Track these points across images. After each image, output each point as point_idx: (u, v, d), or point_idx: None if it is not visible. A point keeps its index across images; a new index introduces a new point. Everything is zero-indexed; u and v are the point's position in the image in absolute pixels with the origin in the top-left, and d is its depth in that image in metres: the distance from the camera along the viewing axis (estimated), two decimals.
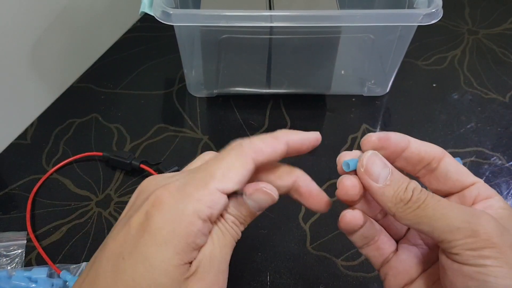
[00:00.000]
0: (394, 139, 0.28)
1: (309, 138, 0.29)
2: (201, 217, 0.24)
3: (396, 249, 0.29)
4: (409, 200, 0.25)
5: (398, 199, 0.25)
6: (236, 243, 0.27)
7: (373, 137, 0.28)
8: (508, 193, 0.51)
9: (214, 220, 0.25)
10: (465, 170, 0.28)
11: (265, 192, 0.26)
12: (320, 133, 0.30)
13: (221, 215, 0.26)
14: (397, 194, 0.25)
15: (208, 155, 0.29)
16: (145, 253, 0.23)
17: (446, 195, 0.28)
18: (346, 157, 0.28)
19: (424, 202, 0.25)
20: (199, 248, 0.24)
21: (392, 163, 0.27)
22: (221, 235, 0.25)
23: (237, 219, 0.26)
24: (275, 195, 0.27)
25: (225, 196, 0.25)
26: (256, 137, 0.27)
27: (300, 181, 0.29)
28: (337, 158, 0.29)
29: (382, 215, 0.30)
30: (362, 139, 0.28)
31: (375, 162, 0.27)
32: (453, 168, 0.27)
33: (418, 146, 0.28)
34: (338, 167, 0.28)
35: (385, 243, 0.29)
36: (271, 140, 0.27)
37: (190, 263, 0.24)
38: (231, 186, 0.25)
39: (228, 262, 0.26)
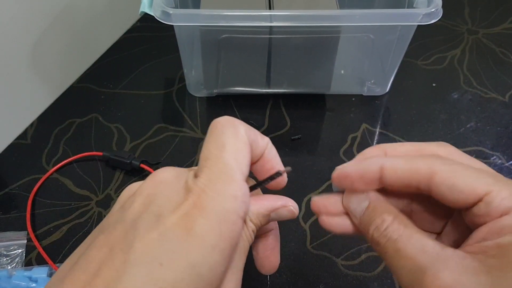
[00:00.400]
0: (356, 174, 0.25)
1: (278, 165, 0.27)
2: (240, 215, 0.22)
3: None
4: (372, 241, 0.24)
5: (367, 238, 0.24)
6: None
7: (333, 175, 0.26)
8: None
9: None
10: (467, 183, 0.22)
11: (291, 211, 0.26)
12: (320, 132, 0.30)
13: (245, 223, 0.25)
14: (365, 233, 0.25)
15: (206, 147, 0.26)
16: (191, 259, 0.20)
17: (457, 209, 0.24)
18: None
19: (384, 247, 0.23)
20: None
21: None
22: (241, 242, 0.24)
23: (256, 227, 0.25)
24: (297, 214, 0.26)
25: (247, 186, 0.23)
26: (244, 122, 0.25)
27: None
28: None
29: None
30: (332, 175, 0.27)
31: (352, 197, 0.26)
32: (445, 188, 0.22)
33: (394, 173, 0.24)
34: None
35: None
36: (257, 132, 0.26)
37: None
38: (246, 171, 0.23)
39: (242, 270, 0.25)
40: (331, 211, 0.27)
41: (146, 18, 0.59)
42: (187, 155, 0.55)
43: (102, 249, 0.21)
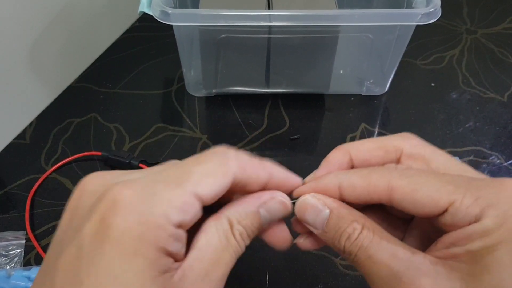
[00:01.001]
0: (320, 189, 0.24)
1: (291, 181, 0.25)
2: (172, 222, 0.20)
3: None
4: (343, 251, 0.23)
5: (336, 248, 0.23)
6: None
7: (294, 194, 0.25)
8: None
9: (187, 229, 0.21)
10: (430, 194, 0.21)
11: (281, 201, 0.24)
12: (319, 132, 0.30)
13: (230, 225, 0.23)
14: (334, 244, 0.23)
15: (178, 162, 0.25)
16: (111, 269, 0.18)
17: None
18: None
19: (356, 256, 0.22)
20: (175, 255, 0.20)
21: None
22: (220, 250, 0.22)
23: (246, 230, 0.23)
24: (290, 206, 0.25)
25: (200, 204, 0.21)
26: (244, 153, 0.24)
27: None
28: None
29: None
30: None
31: (307, 209, 0.24)
32: (407, 203, 0.22)
33: (352, 191, 0.23)
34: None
35: None
36: (257, 163, 0.24)
37: (172, 270, 0.20)
38: (208, 194, 0.21)
39: (224, 281, 0.22)
40: (300, 230, 0.26)
41: (145, 18, 0.59)
42: (186, 155, 0.55)
43: (39, 275, 0.21)
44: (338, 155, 0.26)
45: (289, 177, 0.25)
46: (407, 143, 0.25)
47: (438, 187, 0.21)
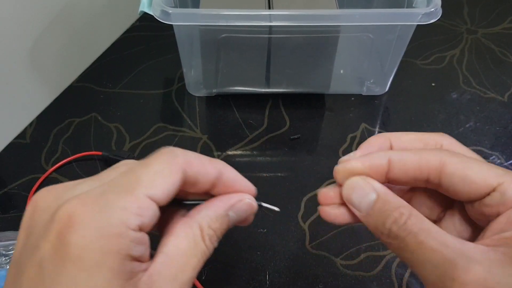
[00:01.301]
0: (361, 169, 0.24)
1: (242, 182, 0.26)
2: (130, 227, 0.20)
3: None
4: (388, 236, 0.22)
5: (378, 232, 0.23)
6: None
7: (339, 170, 0.25)
8: None
9: (148, 230, 0.21)
10: (479, 174, 0.22)
11: (249, 204, 0.25)
12: (319, 132, 0.29)
13: (200, 230, 0.23)
14: (377, 226, 0.23)
15: (127, 165, 0.25)
16: (77, 285, 0.18)
17: (469, 201, 0.23)
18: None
19: (404, 241, 0.22)
20: (139, 259, 0.20)
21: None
22: (189, 255, 0.22)
23: (216, 233, 0.24)
24: (256, 207, 0.25)
25: (155, 204, 0.21)
26: (191, 152, 0.24)
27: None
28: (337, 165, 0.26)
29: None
30: (340, 161, 0.25)
31: (355, 190, 0.24)
32: (457, 179, 0.22)
33: (403, 165, 0.23)
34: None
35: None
36: (206, 159, 0.24)
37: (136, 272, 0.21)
38: (161, 193, 0.21)
39: (191, 284, 0.22)
40: (332, 202, 0.26)
41: (145, 18, 0.59)
42: None
43: None
44: (379, 140, 0.26)
45: (239, 177, 0.26)
46: (446, 140, 0.25)
47: (488, 168, 0.22)
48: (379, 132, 0.58)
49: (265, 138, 0.57)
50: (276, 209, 0.27)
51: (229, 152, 0.55)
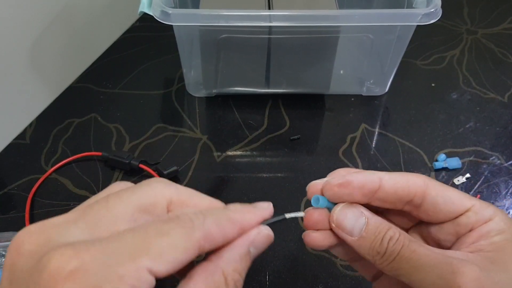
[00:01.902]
0: (357, 183, 0.25)
1: (259, 218, 0.24)
2: None
3: None
4: (384, 253, 0.24)
5: (374, 252, 0.24)
6: None
7: (333, 186, 0.25)
8: (507, 193, 0.51)
9: None
10: (456, 196, 0.25)
11: (268, 235, 0.24)
12: (319, 132, 0.29)
13: (224, 277, 0.21)
14: (373, 247, 0.24)
15: (119, 185, 0.23)
16: None
17: (440, 223, 0.26)
18: (316, 188, 0.26)
19: (399, 254, 0.23)
20: None
21: (367, 204, 0.25)
22: None
23: (241, 276, 0.22)
24: (273, 236, 0.24)
25: (153, 279, 0.19)
26: (212, 215, 0.22)
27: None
28: (307, 188, 0.27)
29: None
30: (324, 185, 0.26)
31: (347, 216, 0.25)
32: (441, 199, 0.25)
33: (393, 184, 0.25)
34: (308, 196, 0.27)
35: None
36: (226, 224, 0.22)
37: None
38: (164, 271, 0.19)
39: None
40: (319, 227, 0.26)
41: (145, 18, 0.59)
42: (186, 155, 0.55)
43: None
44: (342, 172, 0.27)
45: (255, 218, 0.24)
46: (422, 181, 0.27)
47: (461, 193, 0.25)
48: (379, 132, 0.58)
49: (265, 139, 0.57)
50: (301, 214, 0.27)
51: (229, 153, 0.55)
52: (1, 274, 0.19)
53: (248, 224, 0.23)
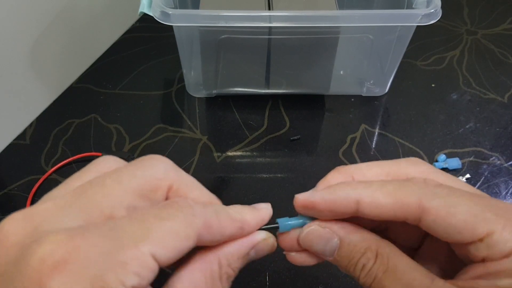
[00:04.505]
0: (324, 207, 0.21)
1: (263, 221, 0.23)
2: (126, 285, 0.16)
3: None
4: (358, 277, 0.21)
5: (350, 273, 0.22)
6: None
7: (297, 207, 0.23)
8: (507, 193, 0.51)
9: (146, 287, 0.18)
10: (464, 221, 0.19)
11: (273, 244, 0.23)
12: (319, 133, 0.29)
13: (219, 267, 0.21)
14: (347, 269, 0.22)
15: (109, 162, 0.21)
16: None
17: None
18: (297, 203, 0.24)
19: (376, 280, 0.20)
20: None
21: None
22: None
23: (234, 272, 0.22)
24: (276, 245, 0.24)
25: (157, 267, 0.18)
26: (212, 207, 0.21)
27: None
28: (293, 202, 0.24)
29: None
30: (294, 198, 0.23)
31: (313, 240, 0.22)
32: (440, 228, 0.19)
33: (375, 209, 0.20)
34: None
35: None
36: (226, 218, 0.21)
37: None
38: (167, 257, 0.18)
39: None
40: (295, 249, 0.24)
41: (145, 19, 0.59)
42: (186, 155, 0.55)
43: None
44: (339, 178, 0.24)
45: (261, 221, 0.23)
46: (417, 169, 0.23)
47: (476, 212, 0.19)
48: (379, 133, 0.58)
49: (265, 139, 0.57)
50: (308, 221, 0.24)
51: (229, 153, 0.55)
52: None
53: (248, 225, 0.22)
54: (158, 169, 0.21)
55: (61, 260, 0.15)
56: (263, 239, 0.23)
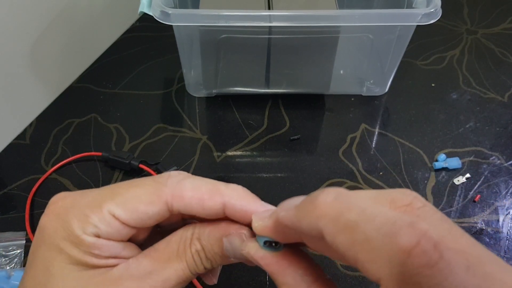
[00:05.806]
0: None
1: (251, 209, 0.23)
2: (85, 232, 0.22)
3: None
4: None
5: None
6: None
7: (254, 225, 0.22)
8: (507, 193, 0.51)
9: (109, 238, 0.22)
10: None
11: (243, 240, 0.23)
12: (319, 132, 0.29)
13: (191, 235, 0.23)
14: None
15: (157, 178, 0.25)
16: (43, 260, 0.22)
17: None
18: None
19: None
20: (98, 256, 0.22)
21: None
22: (175, 255, 0.23)
23: (204, 249, 0.23)
24: (248, 253, 0.23)
25: (119, 223, 0.22)
26: (193, 180, 0.23)
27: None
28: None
29: None
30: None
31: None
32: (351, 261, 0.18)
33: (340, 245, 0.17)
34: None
35: None
36: (206, 193, 0.22)
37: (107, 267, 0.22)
38: (126, 217, 0.22)
39: None
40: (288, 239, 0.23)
41: (145, 18, 0.59)
42: (186, 155, 0.55)
43: None
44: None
45: (248, 206, 0.23)
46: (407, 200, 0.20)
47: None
48: (378, 132, 0.58)
49: (265, 139, 0.57)
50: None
51: (229, 153, 0.55)
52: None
53: (233, 205, 0.22)
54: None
55: (51, 207, 0.23)
56: (236, 232, 0.23)
